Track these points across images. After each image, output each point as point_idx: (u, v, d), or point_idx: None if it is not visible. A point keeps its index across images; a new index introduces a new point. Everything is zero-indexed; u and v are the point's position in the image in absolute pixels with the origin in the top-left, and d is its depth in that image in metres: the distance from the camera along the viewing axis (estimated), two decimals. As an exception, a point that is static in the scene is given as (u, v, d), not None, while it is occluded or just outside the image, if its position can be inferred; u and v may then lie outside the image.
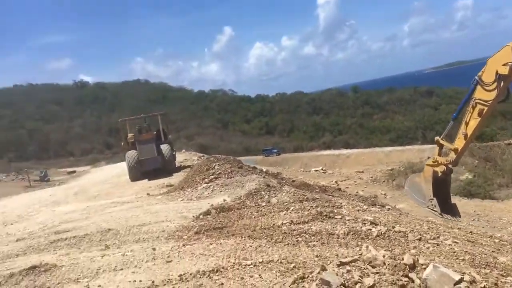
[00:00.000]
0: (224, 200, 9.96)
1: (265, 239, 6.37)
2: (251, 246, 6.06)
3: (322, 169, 39.22)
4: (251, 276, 4.82)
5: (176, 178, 16.60)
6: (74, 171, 48.46)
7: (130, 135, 19.19)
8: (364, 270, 4.29)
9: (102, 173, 31.66)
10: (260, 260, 5.31)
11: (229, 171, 13.28)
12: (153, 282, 4.99)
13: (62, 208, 14.21)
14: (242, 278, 4.78)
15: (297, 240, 6.13)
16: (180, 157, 26.25)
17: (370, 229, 6.39)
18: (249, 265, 5.18)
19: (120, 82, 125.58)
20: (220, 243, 6.39)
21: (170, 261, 5.80)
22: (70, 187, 23.55)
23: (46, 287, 5.49)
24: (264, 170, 17.19)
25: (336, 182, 27.28)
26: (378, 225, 6.69)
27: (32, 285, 5.64)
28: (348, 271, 4.23)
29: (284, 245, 5.99)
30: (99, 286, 5.21)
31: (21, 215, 14.16)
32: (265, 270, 4.98)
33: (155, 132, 19.71)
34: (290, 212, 7.84)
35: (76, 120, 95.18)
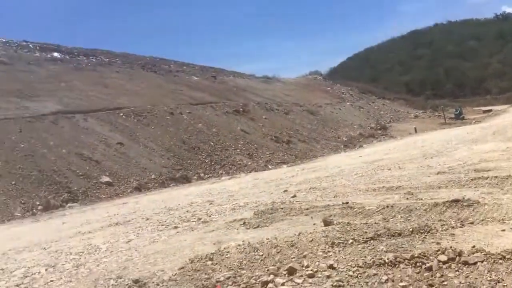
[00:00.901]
0: None
1: None
2: None
3: None
4: None
5: None
6: (490, 110, 46.58)
7: None
8: None
9: (523, 113, 29.15)
10: None
11: None
12: None
13: (480, 146, 14.11)
14: None
15: None
16: None
17: None
18: None
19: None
20: None
21: None
22: (487, 126, 22.92)
23: (469, 222, 5.62)
24: None
25: None
26: None
27: (455, 217, 5.91)
28: None
29: None
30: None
31: (439, 150, 14.99)
32: None
33: None
34: None
35: (495, 56, 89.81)
